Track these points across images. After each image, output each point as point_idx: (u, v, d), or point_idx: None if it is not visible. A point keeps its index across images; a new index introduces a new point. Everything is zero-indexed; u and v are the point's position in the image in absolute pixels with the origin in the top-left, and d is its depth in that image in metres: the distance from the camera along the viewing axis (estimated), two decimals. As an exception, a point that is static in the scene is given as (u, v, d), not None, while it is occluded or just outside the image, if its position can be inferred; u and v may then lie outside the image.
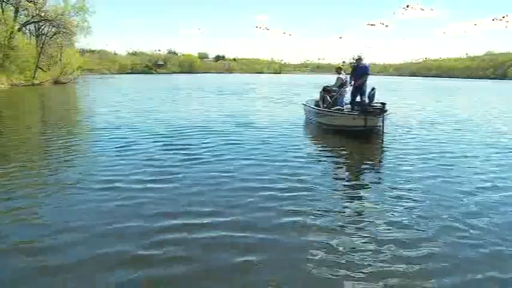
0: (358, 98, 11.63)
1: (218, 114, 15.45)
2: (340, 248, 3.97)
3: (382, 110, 9.78)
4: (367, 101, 10.94)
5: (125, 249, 3.90)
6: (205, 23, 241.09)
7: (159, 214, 4.80)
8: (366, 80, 11.52)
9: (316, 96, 13.88)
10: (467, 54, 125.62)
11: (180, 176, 6.52)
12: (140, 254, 3.82)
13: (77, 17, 41.52)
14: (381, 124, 9.98)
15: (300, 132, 11.95)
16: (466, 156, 8.29)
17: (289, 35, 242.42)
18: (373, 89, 10.87)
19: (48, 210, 4.96)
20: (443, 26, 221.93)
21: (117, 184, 5.98)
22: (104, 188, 5.79)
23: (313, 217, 4.76)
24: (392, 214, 4.91)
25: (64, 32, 40.81)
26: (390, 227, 4.49)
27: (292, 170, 6.96)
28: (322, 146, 9.64)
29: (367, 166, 7.66)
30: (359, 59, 11.70)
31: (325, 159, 8.28)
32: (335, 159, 8.24)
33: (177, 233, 4.28)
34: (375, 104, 10.27)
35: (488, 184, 6.22)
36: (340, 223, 4.60)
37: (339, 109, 11.62)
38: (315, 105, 12.94)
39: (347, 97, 12.42)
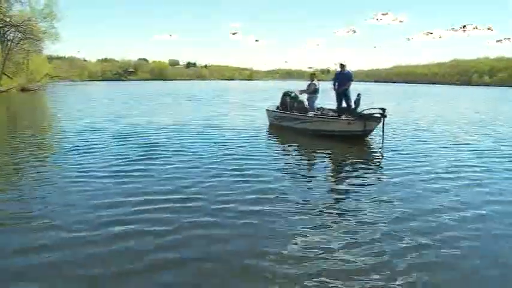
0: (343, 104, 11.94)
1: (184, 119, 15.91)
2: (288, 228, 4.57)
3: (382, 115, 10.14)
4: (353, 106, 11.31)
5: (94, 227, 4.48)
6: (177, 30, 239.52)
7: (122, 201, 5.38)
8: (349, 86, 11.78)
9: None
10: (434, 61, 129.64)
11: (142, 171, 7.11)
12: (106, 231, 4.39)
13: (45, 23, 40.71)
14: (381, 128, 10.20)
15: (268, 135, 12.23)
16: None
17: (256, 40, 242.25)
18: (358, 95, 11.25)
19: (25, 201, 5.49)
20: (412, 33, 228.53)
21: (84, 178, 6.51)
22: (72, 181, 6.35)
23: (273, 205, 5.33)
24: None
25: (31, 38, 39.85)
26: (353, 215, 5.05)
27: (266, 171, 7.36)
28: (287, 146, 10.38)
29: (352, 165, 8.04)
30: (342, 66, 11.91)
31: (284, 157, 9.18)
32: (294, 157, 9.11)
33: (134, 215, 4.88)
34: (373, 110, 10.50)
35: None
36: (294, 208, 5.20)
37: (316, 114, 12.05)
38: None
39: (317, 103, 12.83)
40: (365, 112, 10.51)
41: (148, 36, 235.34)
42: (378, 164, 8.51)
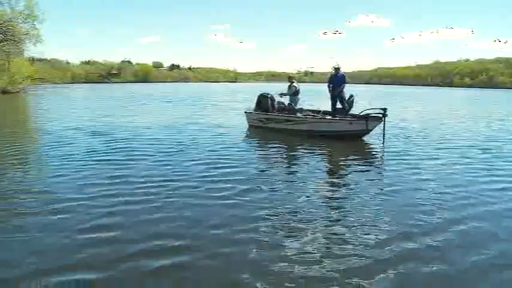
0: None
1: (163, 118, 16.22)
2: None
3: (383, 114, 10.41)
4: (347, 106, 11.50)
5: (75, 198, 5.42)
6: (161, 33, 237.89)
7: (98, 183, 6.24)
8: (343, 88, 11.89)
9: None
10: (416, 63, 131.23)
11: (113, 161, 7.84)
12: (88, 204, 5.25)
13: (26, 24, 39.98)
14: (382, 127, 10.51)
15: (254, 137, 12.23)
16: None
17: (240, 42, 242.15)
18: (351, 96, 11.46)
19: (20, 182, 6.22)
20: (395, 35, 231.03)
21: (63, 165, 7.35)
22: (52, 168, 7.14)
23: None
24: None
25: (12, 40, 39.10)
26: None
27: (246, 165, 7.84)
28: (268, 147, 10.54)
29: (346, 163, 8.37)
30: (337, 69, 11.98)
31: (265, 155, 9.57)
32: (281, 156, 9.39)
33: (103, 192, 5.76)
34: (373, 110, 10.76)
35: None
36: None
37: (306, 115, 12.27)
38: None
39: (299, 104, 13.01)
40: (367, 112, 10.73)
41: (132, 38, 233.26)
42: (379, 162, 8.73)
